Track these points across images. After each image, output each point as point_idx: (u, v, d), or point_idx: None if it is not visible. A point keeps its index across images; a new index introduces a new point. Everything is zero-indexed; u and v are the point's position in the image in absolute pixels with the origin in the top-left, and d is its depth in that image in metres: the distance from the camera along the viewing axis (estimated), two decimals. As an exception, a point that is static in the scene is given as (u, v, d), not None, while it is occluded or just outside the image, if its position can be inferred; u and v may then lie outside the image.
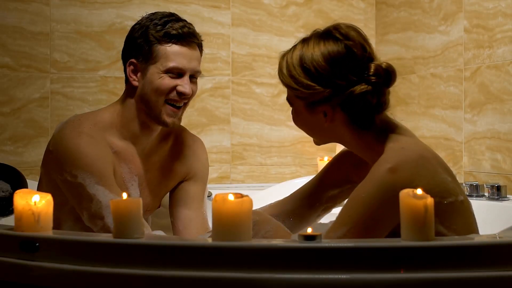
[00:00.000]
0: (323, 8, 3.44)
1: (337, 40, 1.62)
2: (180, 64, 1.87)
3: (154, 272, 1.35)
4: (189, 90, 1.89)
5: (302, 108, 1.67)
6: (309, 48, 1.64)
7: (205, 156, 2.13)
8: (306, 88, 1.62)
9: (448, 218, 1.55)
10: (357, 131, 1.65)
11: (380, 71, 1.61)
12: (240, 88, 3.33)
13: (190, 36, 1.90)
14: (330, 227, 1.60)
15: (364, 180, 1.57)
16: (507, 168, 2.62)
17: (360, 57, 1.61)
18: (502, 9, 2.65)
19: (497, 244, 1.38)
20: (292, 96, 1.68)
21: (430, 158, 1.59)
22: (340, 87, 1.60)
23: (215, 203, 1.35)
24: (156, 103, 1.88)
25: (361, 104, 1.61)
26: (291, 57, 1.66)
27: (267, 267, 1.32)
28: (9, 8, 3.02)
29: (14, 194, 1.48)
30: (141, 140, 1.95)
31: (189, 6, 3.25)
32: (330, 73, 1.60)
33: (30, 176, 2.91)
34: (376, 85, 1.60)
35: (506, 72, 2.63)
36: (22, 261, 1.46)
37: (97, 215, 1.78)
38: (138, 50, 1.90)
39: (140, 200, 1.42)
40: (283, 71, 1.67)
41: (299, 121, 1.71)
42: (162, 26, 1.88)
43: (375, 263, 1.32)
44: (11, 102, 3.01)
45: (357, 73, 1.60)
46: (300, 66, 1.63)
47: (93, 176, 1.79)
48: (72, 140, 1.83)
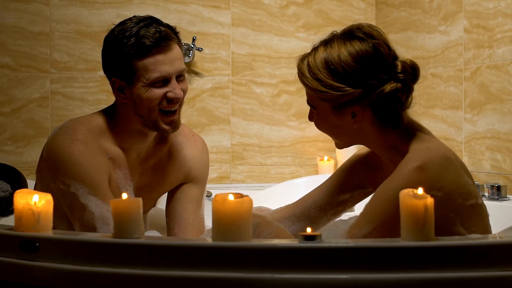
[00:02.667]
0: (323, 8, 3.44)
1: (363, 39, 1.61)
2: (164, 72, 1.80)
3: (154, 272, 1.35)
4: (180, 93, 1.83)
5: (328, 111, 1.64)
6: (333, 49, 1.61)
7: (206, 158, 2.08)
8: (336, 90, 1.59)
9: (468, 220, 1.56)
10: (383, 131, 1.65)
11: (407, 68, 1.62)
12: (240, 88, 3.33)
13: (165, 39, 1.81)
14: (354, 223, 1.60)
15: (390, 177, 1.57)
16: (507, 168, 2.62)
17: (386, 55, 1.62)
18: (502, 9, 2.65)
19: (497, 244, 1.38)
20: (316, 99, 1.65)
21: (453, 160, 1.60)
22: (371, 86, 1.59)
23: (215, 203, 1.35)
24: (151, 115, 1.83)
25: (391, 102, 1.61)
26: (313, 59, 1.63)
27: (267, 267, 1.32)
28: (9, 8, 3.02)
29: (14, 194, 1.48)
30: (137, 145, 1.92)
31: (189, 6, 3.25)
32: (361, 72, 1.59)
33: (30, 176, 2.91)
34: (405, 82, 1.61)
35: (506, 72, 2.63)
36: (22, 261, 1.46)
37: (89, 226, 1.75)
38: (117, 69, 1.82)
39: (140, 200, 1.42)
40: (306, 74, 1.64)
41: (323, 125, 1.69)
42: (135, 37, 1.79)
43: (375, 263, 1.32)
44: (11, 102, 3.01)
45: (386, 71, 1.60)
46: (326, 68, 1.60)
47: (85, 187, 1.76)
48: (66, 149, 1.79)
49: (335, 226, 1.86)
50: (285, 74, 3.38)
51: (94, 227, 1.75)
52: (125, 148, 1.90)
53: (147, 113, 1.83)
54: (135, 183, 1.93)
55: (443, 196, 1.52)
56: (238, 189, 2.50)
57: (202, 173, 2.07)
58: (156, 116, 1.83)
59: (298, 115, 3.39)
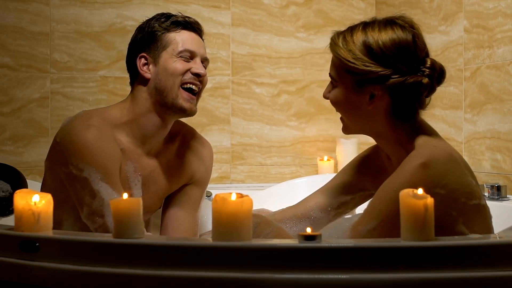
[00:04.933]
0: (323, 8, 3.44)
1: (404, 28, 1.65)
2: (191, 47, 1.92)
3: (154, 272, 1.35)
4: (203, 71, 1.92)
5: (349, 85, 1.65)
6: (374, 31, 1.64)
7: (211, 162, 2.11)
8: (365, 64, 1.62)
9: (471, 220, 1.56)
10: (394, 123, 1.66)
11: (436, 67, 1.64)
12: (240, 88, 3.33)
13: (195, 24, 1.98)
14: (358, 220, 1.60)
15: (394, 173, 1.57)
16: (507, 168, 2.62)
17: (421, 49, 1.65)
18: (502, 9, 2.65)
19: (497, 244, 1.38)
20: (341, 70, 1.66)
21: (458, 160, 1.60)
22: (401, 71, 1.61)
23: (215, 203, 1.35)
24: (172, 88, 1.89)
25: (411, 95, 1.63)
26: (350, 35, 1.66)
27: (267, 267, 1.32)
28: (9, 8, 3.02)
29: (14, 194, 1.48)
30: (149, 139, 1.93)
31: (189, 6, 3.25)
32: (394, 57, 1.61)
33: (30, 176, 2.91)
34: (431, 79, 1.63)
35: (506, 72, 2.63)
36: (22, 261, 1.46)
37: (97, 212, 1.75)
38: (147, 44, 1.93)
39: (140, 200, 1.42)
40: (339, 44, 1.66)
41: (340, 100, 1.69)
42: (166, 18, 1.95)
43: (375, 263, 1.32)
44: (11, 102, 3.01)
45: (416, 63, 1.63)
46: (362, 45, 1.63)
47: (98, 172, 1.76)
48: (81, 133, 1.79)
49: (338, 224, 1.86)
50: (285, 74, 3.38)
51: (102, 214, 1.75)
52: (137, 142, 1.91)
53: (170, 86, 1.88)
54: (143, 180, 1.94)
55: (446, 194, 1.52)
56: (238, 189, 2.50)
57: (205, 176, 2.10)
58: (177, 90, 1.89)
59: (298, 115, 3.38)
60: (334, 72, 1.69)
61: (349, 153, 3.19)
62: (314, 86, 3.38)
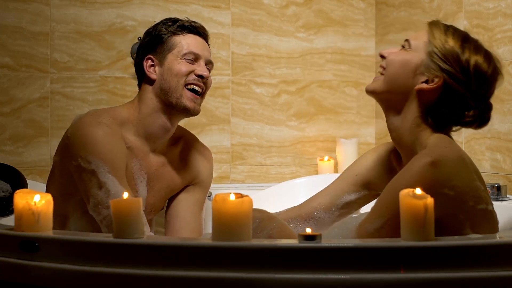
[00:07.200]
0: (323, 8, 3.44)
1: (498, 62, 1.70)
2: (196, 50, 2.00)
3: (154, 272, 1.35)
4: (207, 73, 1.99)
5: (419, 59, 1.67)
6: (471, 47, 1.68)
7: (212, 166, 2.19)
8: (446, 61, 1.64)
9: (478, 224, 1.55)
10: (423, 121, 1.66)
11: (489, 116, 1.70)
12: (240, 88, 3.33)
13: (200, 29, 2.05)
14: (365, 218, 1.59)
15: (403, 171, 1.56)
16: (507, 168, 2.62)
17: (493, 91, 1.71)
18: (502, 9, 2.65)
19: (497, 244, 1.38)
20: (422, 43, 1.68)
21: (468, 163, 1.59)
22: (469, 88, 1.64)
23: (215, 203, 1.35)
24: (177, 88, 1.95)
25: (456, 111, 1.65)
26: (453, 32, 1.69)
27: (267, 267, 1.32)
28: (9, 8, 3.02)
29: (14, 194, 1.48)
30: (155, 138, 1.99)
31: (189, 6, 3.25)
32: (472, 79, 1.65)
33: (30, 176, 2.92)
34: (482, 116, 1.67)
35: (506, 72, 2.63)
36: (22, 261, 1.46)
37: (103, 204, 1.80)
38: (153, 46, 2.01)
39: (140, 200, 1.42)
40: (441, 28, 1.68)
41: (399, 60, 1.69)
42: (173, 23, 2.02)
43: (375, 263, 1.32)
44: (11, 102, 3.01)
45: (481, 95, 1.67)
46: (456, 48, 1.66)
47: (106, 165, 1.82)
48: (91, 128, 1.86)
49: (345, 223, 1.86)
50: (285, 74, 3.38)
51: (107, 205, 1.79)
52: (143, 140, 1.98)
53: (174, 86, 1.96)
54: (148, 178, 1.99)
55: (454, 196, 1.51)
56: (238, 189, 2.50)
57: (207, 178, 2.17)
58: (181, 90, 1.96)
59: (298, 115, 3.38)
60: (415, 42, 1.69)
61: (349, 153, 3.19)
62: (314, 86, 3.38)
